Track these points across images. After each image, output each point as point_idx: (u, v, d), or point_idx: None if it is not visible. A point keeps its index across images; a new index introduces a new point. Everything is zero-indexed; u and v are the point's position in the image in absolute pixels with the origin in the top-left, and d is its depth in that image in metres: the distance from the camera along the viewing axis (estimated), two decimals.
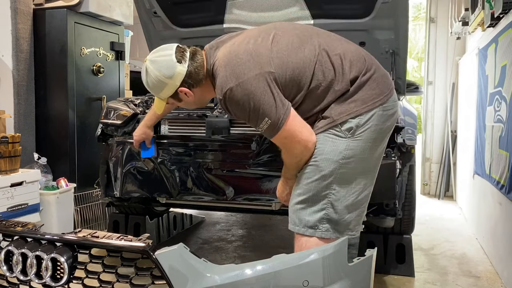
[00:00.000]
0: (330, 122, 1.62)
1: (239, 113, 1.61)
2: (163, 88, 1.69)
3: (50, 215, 3.10)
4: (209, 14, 3.12)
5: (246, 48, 1.62)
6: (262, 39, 1.65)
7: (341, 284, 1.40)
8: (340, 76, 1.62)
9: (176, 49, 1.68)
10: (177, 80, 1.67)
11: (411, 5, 5.81)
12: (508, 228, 2.62)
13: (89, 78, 3.77)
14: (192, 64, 1.68)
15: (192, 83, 1.69)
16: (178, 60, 1.65)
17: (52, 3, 3.55)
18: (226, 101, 1.59)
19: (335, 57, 1.65)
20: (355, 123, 1.61)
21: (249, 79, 1.54)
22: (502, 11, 2.72)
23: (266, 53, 1.60)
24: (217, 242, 3.36)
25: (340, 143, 1.61)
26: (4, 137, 2.83)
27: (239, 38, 1.72)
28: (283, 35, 1.68)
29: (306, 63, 1.62)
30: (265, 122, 1.56)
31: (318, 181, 1.61)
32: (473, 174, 3.80)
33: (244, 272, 1.38)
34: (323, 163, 1.61)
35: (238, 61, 1.58)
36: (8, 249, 1.56)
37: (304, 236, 1.63)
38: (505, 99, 2.71)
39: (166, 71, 1.65)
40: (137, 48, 6.29)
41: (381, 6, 2.63)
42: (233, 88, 1.55)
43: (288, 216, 1.71)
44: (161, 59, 1.67)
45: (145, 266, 1.44)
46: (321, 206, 1.62)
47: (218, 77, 1.61)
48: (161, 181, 2.39)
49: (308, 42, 1.66)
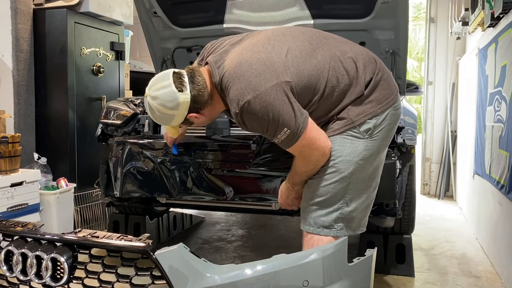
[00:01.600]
0: (348, 123, 1.62)
1: (257, 125, 1.56)
2: (172, 119, 1.65)
3: (50, 215, 3.10)
4: (209, 14, 3.12)
5: (259, 58, 1.56)
6: (273, 47, 1.60)
7: (341, 284, 1.40)
8: (355, 79, 1.63)
9: (173, 77, 1.60)
10: (183, 109, 1.61)
11: (411, 5, 5.82)
12: (508, 228, 2.62)
13: (89, 78, 3.77)
14: (194, 88, 1.61)
15: (199, 106, 1.64)
16: (179, 89, 1.58)
17: (52, 3, 3.55)
18: (243, 115, 1.53)
19: (347, 60, 1.64)
20: (372, 124, 1.62)
21: (267, 90, 1.49)
22: (502, 11, 2.72)
23: (280, 62, 1.56)
24: (217, 242, 3.36)
25: (359, 144, 1.62)
26: (4, 137, 2.83)
27: (244, 45, 1.65)
28: (295, 42, 1.64)
29: (320, 69, 1.60)
30: (283, 132, 1.53)
31: (337, 183, 1.62)
32: (473, 174, 3.80)
33: (244, 272, 1.38)
34: (343, 165, 1.61)
35: (253, 72, 1.52)
36: (8, 249, 1.56)
37: (316, 236, 1.64)
38: (505, 99, 2.71)
39: (170, 104, 1.59)
40: (137, 48, 6.29)
41: (381, 6, 2.63)
42: (251, 100, 1.49)
43: (300, 217, 1.71)
44: (162, 93, 1.60)
45: (145, 266, 1.44)
46: (337, 206, 1.63)
47: (231, 89, 1.54)
48: (161, 181, 2.39)
49: (320, 48, 1.65)
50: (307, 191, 1.70)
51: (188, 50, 3.53)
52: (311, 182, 1.68)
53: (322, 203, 1.64)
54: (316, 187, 1.65)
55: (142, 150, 2.41)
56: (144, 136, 2.52)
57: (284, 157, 2.20)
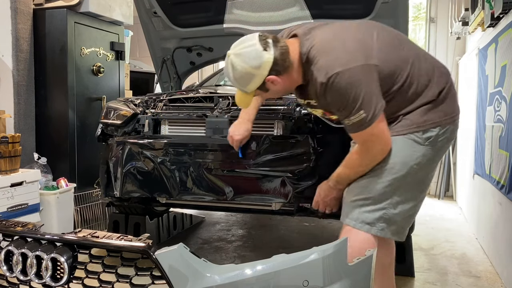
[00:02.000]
0: (413, 127, 1.63)
1: (336, 100, 1.56)
2: (251, 80, 1.62)
3: (50, 215, 3.10)
4: (209, 14, 3.12)
5: (353, 37, 1.59)
6: (365, 30, 1.64)
7: (341, 284, 1.40)
8: (430, 83, 1.65)
9: (258, 37, 1.61)
10: (265, 69, 1.60)
11: (411, 5, 5.82)
12: (508, 228, 2.62)
13: (89, 78, 3.77)
14: (277, 50, 1.60)
15: (280, 69, 1.62)
16: (264, 48, 1.58)
17: (52, 3, 3.55)
18: (328, 86, 1.54)
19: (428, 63, 1.68)
20: (435, 133, 1.64)
21: (357, 67, 1.51)
22: (502, 11, 2.72)
23: (372, 46, 1.58)
24: (217, 242, 3.36)
25: (418, 149, 1.63)
26: (4, 137, 2.83)
27: (335, 25, 1.68)
28: (384, 33, 1.67)
29: (404, 62, 1.63)
30: (358, 115, 1.53)
31: (388, 182, 1.64)
32: (473, 174, 3.79)
33: (244, 272, 1.38)
34: (398, 166, 1.63)
35: (346, 48, 1.55)
36: (8, 249, 1.56)
37: (355, 230, 1.66)
38: (505, 99, 2.71)
39: (253, 61, 1.58)
40: (137, 48, 6.29)
41: (381, 6, 2.63)
42: (340, 73, 1.50)
43: (342, 210, 1.73)
44: (246, 51, 1.60)
45: (145, 266, 1.44)
46: (383, 206, 1.65)
47: (320, 61, 1.56)
48: (161, 181, 2.39)
49: (405, 44, 1.69)
50: (355, 186, 1.71)
51: (188, 50, 3.53)
52: (362, 178, 1.69)
53: (369, 199, 1.65)
54: (367, 183, 1.67)
55: (142, 150, 2.41)
56: (144, 136, 2.52)
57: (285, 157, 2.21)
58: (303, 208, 2.46)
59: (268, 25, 3.04)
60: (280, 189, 2.24)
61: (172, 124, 2.59)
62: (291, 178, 2.21)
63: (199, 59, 3.63)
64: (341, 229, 1.74)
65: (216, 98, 2.56)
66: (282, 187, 2.24)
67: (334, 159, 2.24)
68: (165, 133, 2.59)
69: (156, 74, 3.62)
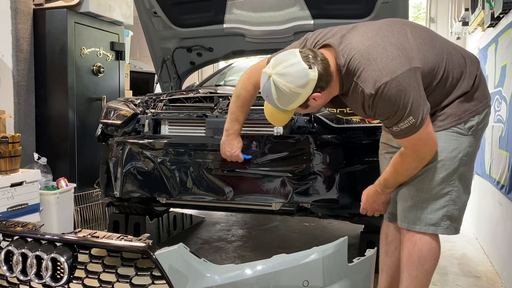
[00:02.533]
0: (455, 119, 1.64)
1: (386, 109, 1.53)
2: (296, 99, 1.55)
3: (50, 215, 3.10)
4: (209, 14, 3.12)
5: (391, 42, 1.55)
6: (398, 33, 1.60)
7: (341, 284, 1.40)
8: (464, 73, 1.65)
9: (300, 54, 1.54)
10: (310, 87, 1.53)
11: (411, 5, 5.81)
12: (508, 228, 2.62)
13: (89, 78, 3.77)
14: (319, 65, 1.53)
15: (324, 85, 1.56)
16: (309, 65, 1.51)
17: (52, 3, 3.55)
18: (377, 96, 1.50)
19: (458, 55, 1.67)
20: (476, 122, 1.65)
21: (403, 73, 1.49)
22: (502, 11, 2.71)
23: (411, 48, 1.56)
24: (217, 242, 3.36)
25: (463, 141, 1.64)
26: (4, 137, 2.83)
27: (366, 30, 1.61)
28: (415, 30, 1.64)
29: (439, 57, 1.62)
30: (408, 121, 1.51)
31: (442, 179, 1.64)
32: (473, 174, 3.79)
33: (244, 272, 1.38)
34: (448, 161, 1.63)
35: (389, 55, 1.51)
36: (8, 249, 1.56)
37: (419, 234, 1.66)
38: (505, 99, 2.71)
39: (300, 81, 1.51)
40: (137, 48, 6.29)
41: (381, 6, 2.63)
42: (388, 82, 1.47)
43: (401, 215, 1.72)
44: (291, 70, 1.51)
45: (145, 266, 1.44)
46: (443, 204, 1.65)
47: (365, 71, 1.51)
48: (161, 181, 2.39)
49: (436, 39, 1.68)
50: (408, 190, 1.70)
51: (188, 50, 3.53)
52: (413, 180, 1.68)
53: (428, 200, 1.65)
54: (420, 184, 1.66)
55: (142, 150, 2.41)
56: (144, 136, 2.52)
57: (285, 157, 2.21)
58: (303, 208, 2.46)
59: (268, 25, 3.04)
60: (280, 189, 2.24)
61: (172, 124, 2.59)
62: (291, 178, 2.21)
63: (199, 59, 3.63)
64: (402, 236, 1.73)
65: (216, 98, 2.56)
66: (282, 187, 2.24)
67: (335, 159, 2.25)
68: (165, 133, 2.59)
69: (156, 74, 3.62)
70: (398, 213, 1.76)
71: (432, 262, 1.68)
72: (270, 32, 3.07)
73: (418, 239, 1.66)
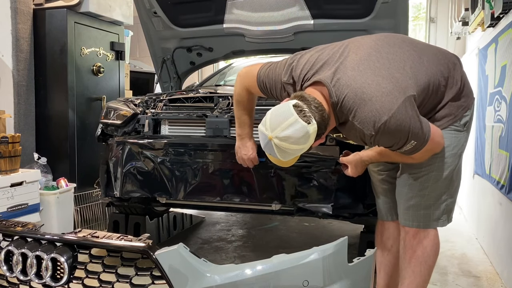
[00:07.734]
0: (451, 118, 1.70)
1: (388, 142, 1.58)
2: (299, 152, 1.58)
3: (50, 215, 3.10)
4: (209, 14, 3.12)
5: (383, 75, 1.55)
6: (388, 61, 1.59)
7: (341, 284, 1.40)
8: (453, 78, 1.70)
9: (294, 110, 1.49)
10: (312, 139, 1.54)
11: (411, 5, 5.81)
12: (508, 228, 2.62)
13: (89, 78, 3.77)
14: (316, 114, 1.51)
15: (323, 130, 1.57)
16: (307, 121, 1.49)
17: (52, 3, 3.55)
18: (378, 135, 1.53)
19: (443, 62, 1.70)
20: (469, 117, 1.73)
21: (399, 108, 1.50)
22: (502, 11, 2.71)
23: (402, 77, 1.56)
24: (217, 242, 3.36)
25: (461, 137, 1.72)
26: (4, 137, 2.83)
27: (356, 60, 1.59)
28: (402, 52, 1.64)
29: (429, 75, 1.64)
30: (410, 144, 1.56)
31: (445, 178, 1.71)
32: (473, 174, 3.80)
33: (244, 272, 1.38)
34: (451, 159, 1.71)
35: (383, 91, 1.51)
36: (8, 249, 1.56)
37: (423, 231, 1.74)
38: (505, 99, 2.71)
39: (301, 139, 1.50)
40: (137, 48, 6.29)
41: (381, 6, 2.63)
42: (387, 121, 1.49)
43: (404, 214, 1.78)
44: (291, 132, 1.48)
45: (145, 266, 1.44)
46: (444, 198, 1.74)
47: (362, 111, 1.51)
48: (161, 181, 2.39)
49: (422, 54, 1.68)
50: (411, 189, 1.75)
51: (188, 50, 3.53)
52: (416, 180, 1.73)
53: (433, 198, 1.73)
54: (425, 183, 1.72)
55: (142, 150, 2.41)
56: (144, 136, 2.51)
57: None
58: (303, 208, 2.46)
59: (268, 25, 3.04)
60: (280, 189, 2.24)
61: (172, 124, 2.59)
62: (291, 178, 2.21)
63: (199, 59, 3.63)
64: (405, 234, 1.78)
65: (216, 98, 2.56)
66: (282, 187, 2.23)
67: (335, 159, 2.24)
68: (165, 133, 2.59)
69: (156, 74, 3.62)
70: (400, 212, 1.80)
71: (434, 258, 1.75)
72: (270, 32, 3.07)
73: (423, 236, 1.73)
